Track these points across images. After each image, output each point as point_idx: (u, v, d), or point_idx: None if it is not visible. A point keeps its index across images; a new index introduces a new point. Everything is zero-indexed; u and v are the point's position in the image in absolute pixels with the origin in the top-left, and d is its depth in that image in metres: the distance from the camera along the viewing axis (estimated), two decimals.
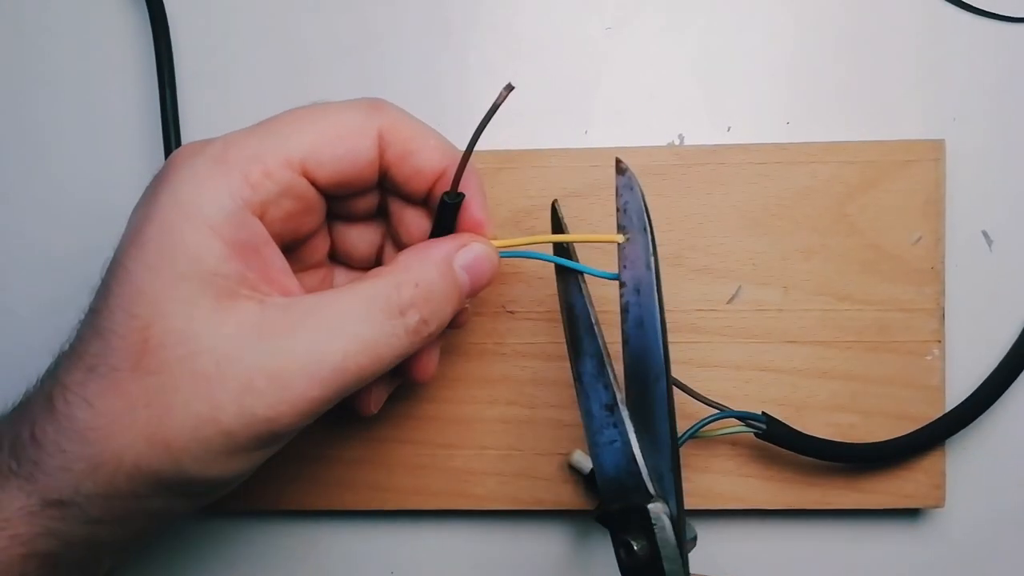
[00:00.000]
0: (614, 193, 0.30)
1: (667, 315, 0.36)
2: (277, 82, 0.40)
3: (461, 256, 0.29)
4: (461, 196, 0.29)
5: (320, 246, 0.31)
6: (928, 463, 0.37)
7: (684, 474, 0.36)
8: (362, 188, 0.30)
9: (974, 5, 0.38)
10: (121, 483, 0.25)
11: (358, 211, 0.31)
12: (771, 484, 0.37)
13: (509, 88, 0.27)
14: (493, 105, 0.27)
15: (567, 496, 0.37)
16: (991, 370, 0.37)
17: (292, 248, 0.30)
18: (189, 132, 0.39)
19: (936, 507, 0.37)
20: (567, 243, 0.32)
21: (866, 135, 0.38)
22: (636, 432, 0.28)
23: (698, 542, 0.38)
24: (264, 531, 0.40)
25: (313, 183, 0.28)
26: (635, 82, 0.39)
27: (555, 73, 0.39)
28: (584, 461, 0.36)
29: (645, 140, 0.38)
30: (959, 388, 0.37)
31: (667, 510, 0.25)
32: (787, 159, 0.37)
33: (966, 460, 0.38)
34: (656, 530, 0.25)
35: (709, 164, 0.37)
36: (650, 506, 0.25)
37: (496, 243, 0.31)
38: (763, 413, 0.35)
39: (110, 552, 0.28)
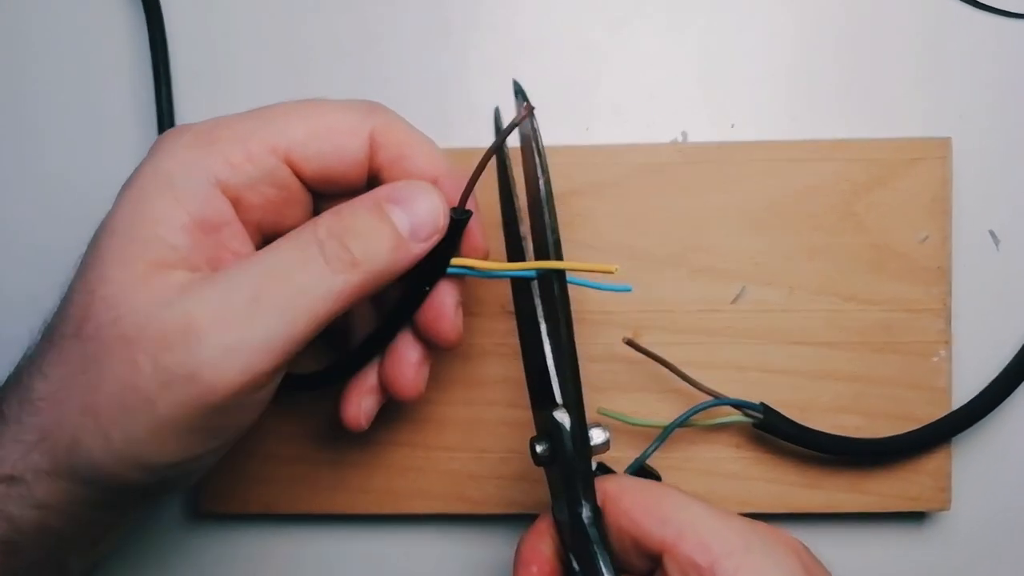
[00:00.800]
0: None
1: (670, 316, 0.36)
2: (275, 81, 0.39)
3: (394, 191, 0.27)
4: (468, 213, 0.28)
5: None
6: (933, 465, 0.36)
7: (687, 477, 0.36)
8: (349, 187, 0.29)
9: (981, 1, 0.38)
10: (61, 457, 0.25)
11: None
12: (775, 487, 0.36)
13: (530, 109, 0.27)
14: (511, 123, 0.27)
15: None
16: (998, 371, 0.37)
17: (272, 239, 0.28)
18: None
19: (942, 510, 0.36)
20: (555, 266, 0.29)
21: (871, 133, 0.37)
22: (552, 344, 0.28)
23: None
24: (259, 535, 0.39)
25: (298, 175, 0.27)
26: (637, 79, 0.38)
27: (557, 70, 0.39)
28: None
29: (647, 137, 0.38)
30: (966, 389, 0.37)
31: (567, 418, 0.27)
32: (791, 157, 0.36)
33: (972, 463, 0.38)
34: (558, 434, 0.27)
35: (712, 162, 0.36)
36: (554, 413, 0.27)
37: (485, 264, 0.29)
38: (760, 403, 0.35)
39: (73, 555, 0.27)
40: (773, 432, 0.35)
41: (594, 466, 0.28)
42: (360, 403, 0.31)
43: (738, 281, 0.36)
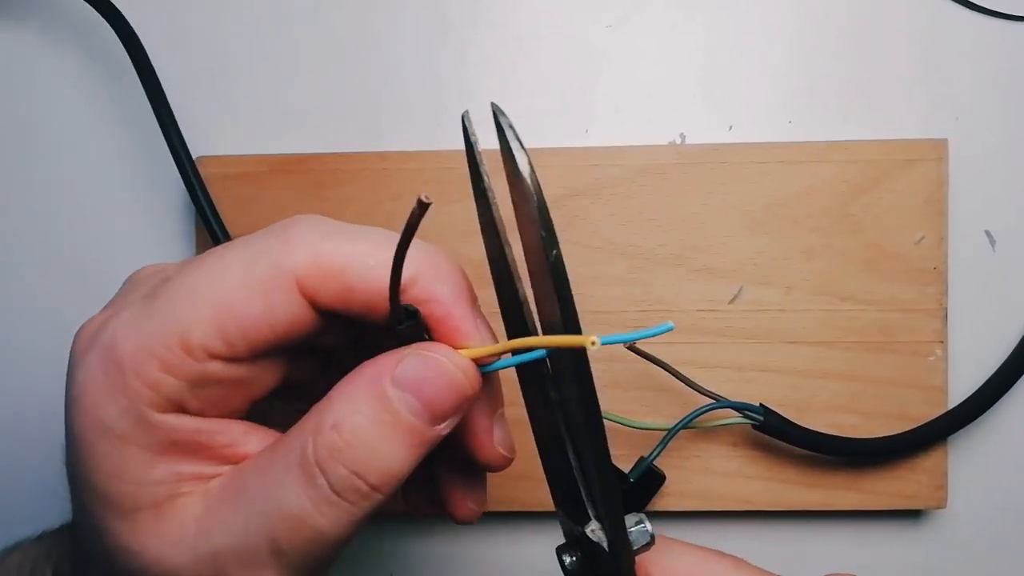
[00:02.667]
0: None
1: (668, 316, 0.36)
2: (276, 83, 0.39)
3: (400, 374, 0.22)
4: (414, 314, 0.22)
5: (308, 372, 0.25)
6: (930, 464, 0.36)
7: (686, 476, 0.36)
8: (310, 338, 0.23)
9: (977, 3, 0.38)
10: None
11: (331, 344, 0.25)
12: (773, 485, 0.36)
13: (422, 205, 0.20)
14: (408, 224, 0.20)
15: None
16: (994, 370, 0.37)
17: (289, 393, 0.25)
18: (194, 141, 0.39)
19: (938, 508, 0.37)
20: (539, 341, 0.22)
21: (868, 134, 0.37)
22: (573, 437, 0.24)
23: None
24: None
25: (233, 359, 0.22)
26: (636, 80, 0.39)
27: (555, 72, 0.39)
28: None
29: (646, 139, 0.38)
30: (962, 389, 0.37)
31: (603, 534, 0.23)
32: (789, 158, 0.36)
33: (968, 461, 0.38)
34: (591, 548, 0.23)
35: (710, 163, 0.36)
36: (587, 530, 0.23)
37: (466, 352, 0.23)
38: (760, 404, 0.35)
39: None
40: (772, 433, 0.35)
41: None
42: (457, 493, 0.26)
43: (736, 281, 0.36)
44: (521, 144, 0.21)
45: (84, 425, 0.22)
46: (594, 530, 0.23)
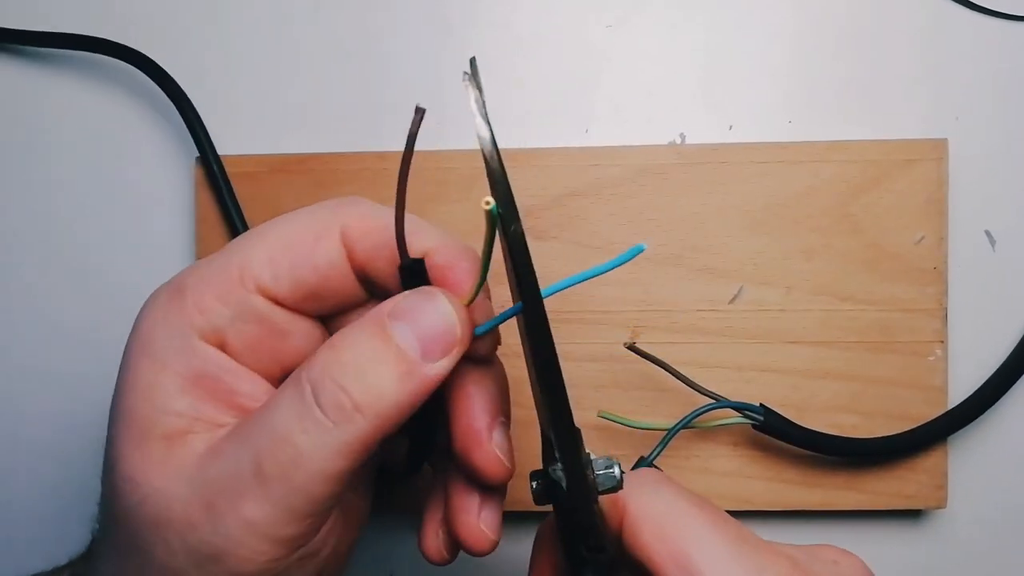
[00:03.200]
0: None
1: (668, 316, 0.36)
2: (276, 83, 0.39)
3: (398, 306, 0.23)
4: (419, 262, 0.24)
5: None
6: (930, 463, 0.36)
7: (686, 476, 0.36)
8: (346, 301, 0.25)
9: (977, 3, 0.38)
10: None
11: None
12: (773, 485, 0.36)
13: (420, 112, 0.22)
14: (409, 134, 0.22)
15: None
16: (994, 370, 0.37)
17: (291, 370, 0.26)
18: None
19: (938, 508, 0.37)
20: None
21: (868, 134, 0.37)
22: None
23: None
24: None
25: (276, 301, 0.24)
26: (636, 80, 0.39)
27: (555, 72, 0.39)
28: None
29: (646, 139, 0.38)
30: (962, 389, 0.37)
31: (561, 472, 0.23)
32: (789, 158, 0.36)
33: (968, 461, 0.38)
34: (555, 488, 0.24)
35: (710, 163, 0.36)
36: (550, 469, 0.24)
37: (464, 298, 0.24)
38: (761, 404, 0.35)
39: None
40: (773, 433, 0.35)
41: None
42: (438, 535, 0.28)
43: (736, 281, 0.36)
44: (485, 114, 0.22)
45: (135, 346, 0.24)
46: (555, 469, 0.23)
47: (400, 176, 0.22)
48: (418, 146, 0.40)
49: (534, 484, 0.25)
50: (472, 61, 0.23)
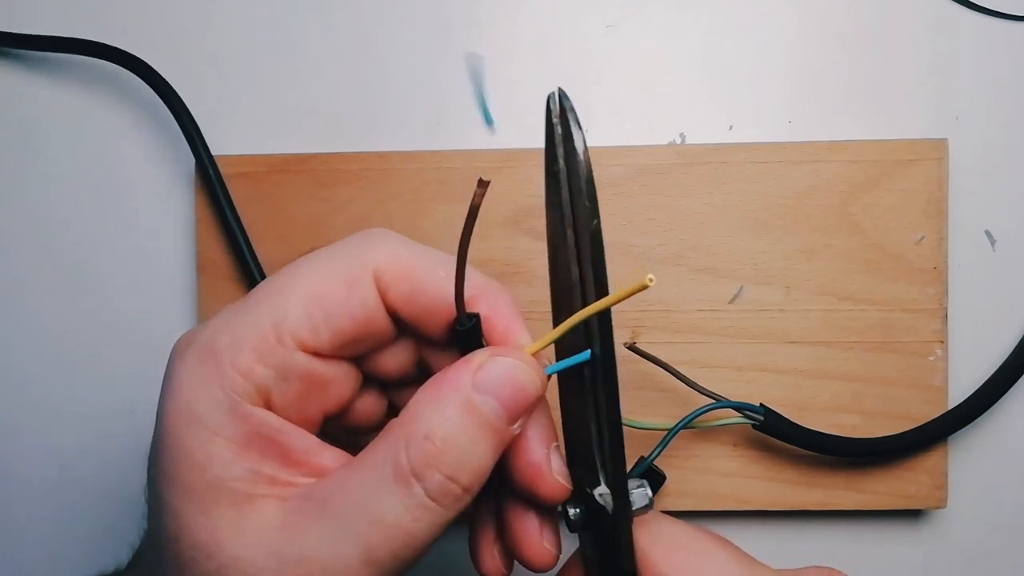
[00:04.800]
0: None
1: (669, 316, 0.36)
2: (276, 83, 0.39)
3: (481, 380, 0.23)
4: (474, 317, 0.24)
5: (370, 406, 0.27)
6: (930, 464, 0.36)
7: (686, 476, 0.36)
8: (381, 340, 0.26)
9: (977, 3, 0.38)
10: None
11: (392, 370, 0.27)
12: (773, 485, 0.36)
13: (484, 184, 0.22)
14: (472, 206, 0.22)
15: None
16: (994, 370, 0.37)
17: (337, 418, 0.26)
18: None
19: (938, 508, 0.37)
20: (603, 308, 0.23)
21: (868, 134, 0.37)
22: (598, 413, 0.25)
23: None
24: None
25: (316, 354, 0.24)
26: (636, 80, 0.39)
27: (556, 72, 0.39)
28: None
29: (646, 139, 0.38)
30: (962, 389, 0.37)
31: (611, 500, 0.24)
32: (789, 158, 0.36)
33: (968, 461, 0.38)
34: (597, 511, 0.24)
35: (711, 163, 0.36)
36: (595, 492, 0.24)
37: (530, 348, 0.24)
38: (761, 404, 0.35)
39: None
40: (773, 434, 0.35)
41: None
42: (495, 556, 0.28)
43: (736, 281, 0.36)
44: (580, 125, 0.22)
45: (176, 416, 0.23)
46: (602, 494, 0.24)
47: (461, 244, 0.23)
48: (417, 146, 0.40)
49: (572, 512, 0.25)
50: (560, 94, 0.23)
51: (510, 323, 0.25)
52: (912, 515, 0.38)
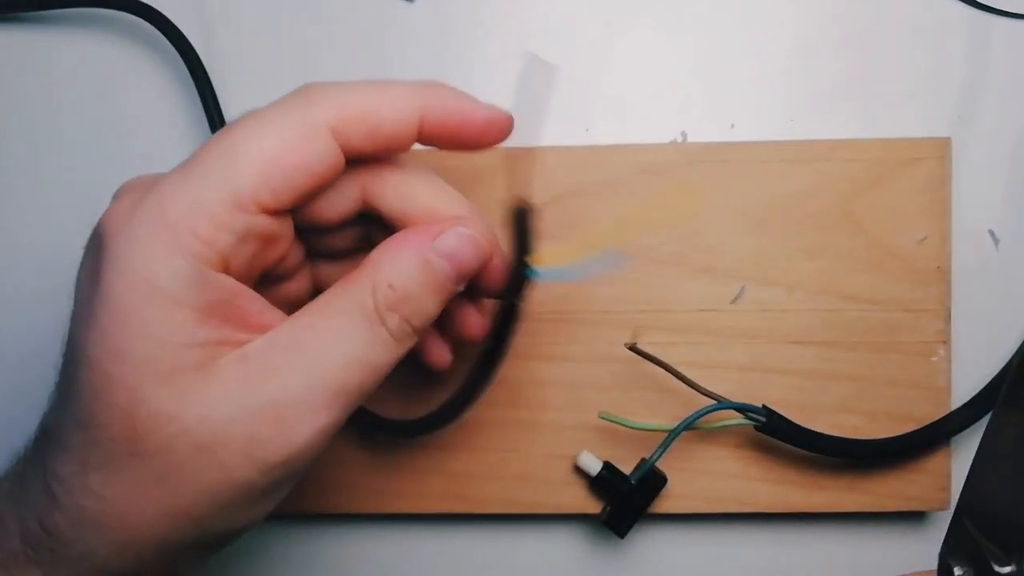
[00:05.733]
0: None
1: (669, 316, 0.36)
2: (276, 82, 0.39)
3: (440, 244, 0.27)
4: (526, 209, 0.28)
5: (295, 255, 0.29)
6: (933, 465, 0.36)
7: (687, 477, 0.36)
8: (334, 181, 0.27)
9: (979, 1, 0.38)
10: (149, 557, 0.25)
11: (331, 218, 0.28)
12: (775, 487, 0.36)
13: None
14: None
15: (567, 499, 0.37)
16: (997, 371, 0.37)
17: (269, 275, 0.28)
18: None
19: (941, 510, 0.36)
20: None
21: (870, 133, 0.37)
22: None
23: (704, 547, 0.38)
24: (258, 535, 0.39)
25: (272, 213, 0.25)
26: (637, 79, 0.38)
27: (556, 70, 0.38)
28: (591, 463, 0.35)
29: (647, 138, 0.38)
30: (965, 389, 0.37)
31: None
32: (791, 157, 0.36)
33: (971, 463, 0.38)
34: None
35: (712, 162, 0.36)
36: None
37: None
38: (763, 406, 0.35)
39: None
40: (775, 435, 0.35)
41: None
42: (432, 346, 0.32)
43: (738, 281, 0.36)
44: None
45: (130, 290, 0.23)
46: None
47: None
48: (416, 145, 0.39)
49: (958, 571, 0.25)
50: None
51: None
52: (915, 517, 0.38)
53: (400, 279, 0.26)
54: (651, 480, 0.35)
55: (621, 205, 0.36)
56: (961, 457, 0.37)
